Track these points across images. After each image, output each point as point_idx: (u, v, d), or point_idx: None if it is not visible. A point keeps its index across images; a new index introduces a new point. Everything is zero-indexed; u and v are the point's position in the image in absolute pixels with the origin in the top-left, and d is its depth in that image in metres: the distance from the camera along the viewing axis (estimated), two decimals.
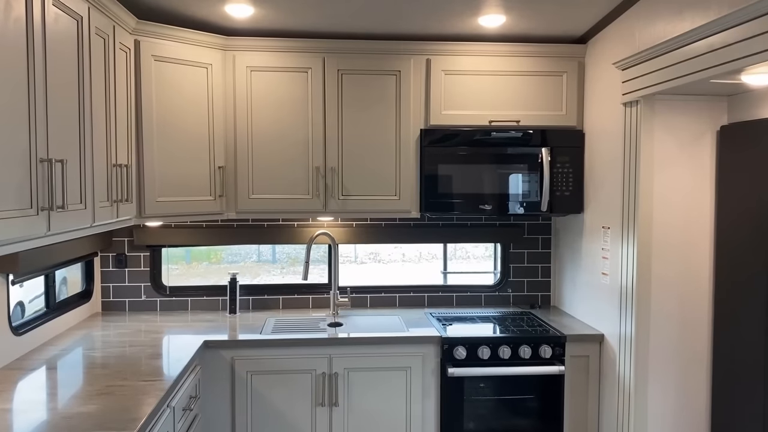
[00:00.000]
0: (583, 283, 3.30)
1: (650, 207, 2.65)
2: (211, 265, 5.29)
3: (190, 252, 5.06)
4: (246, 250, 5.69)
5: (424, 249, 5.13)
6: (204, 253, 5.14)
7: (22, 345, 2.62)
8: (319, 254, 3.86)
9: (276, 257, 5.49)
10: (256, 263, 5.63)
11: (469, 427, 3.02)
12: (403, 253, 5.80)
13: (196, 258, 5.04)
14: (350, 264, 5.90)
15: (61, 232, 2.02)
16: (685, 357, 2.70)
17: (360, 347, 2.97)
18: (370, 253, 6.19)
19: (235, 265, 5.55)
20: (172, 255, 3.68)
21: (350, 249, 5.86)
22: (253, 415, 2.94)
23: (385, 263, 6.04)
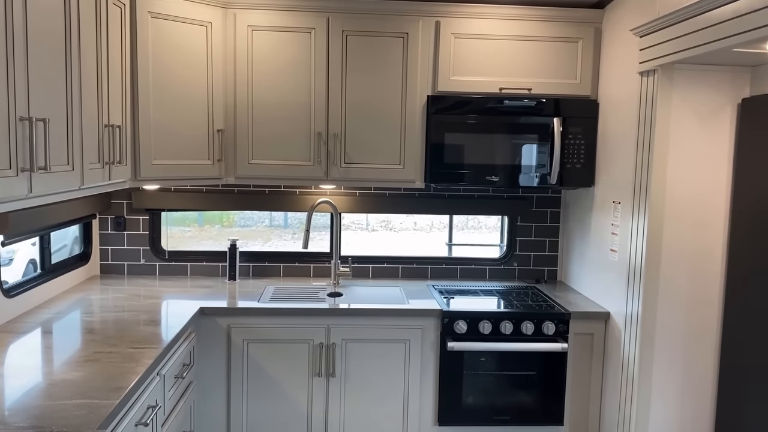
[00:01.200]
0: (591, 259, 3.20)
1: (663, 182, 2.53)
2: (223, 229, 5.24)
3: (203, 215, 5.02)
4: (258, 215, 5.63)
5: (436, 218, 5.04)
6: (217, 216, 5.09)
7: (14, 307, 2.58)
8: (326, 221, 3.77)
9: (288, 222, 5.44)
10: (268, 228, 5.59)
11: (468, 401, 2.96)
12: (414, 222, 5.72)
13: (208, 221, 4.99)
14: (362, 231, 5.83)
15: (45, 194, 1.95)
16: (693, 338, 2.60)
17: (359, 318, 2.91)
18: (382, 220, 6.12)
19: (247, 229, 5.50)
20: (185, 217, 3.63)
21: (362, 216, 5.78)
22: (249, 383, 2.90)
23: (397, 231, 5.97)
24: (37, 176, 1.85)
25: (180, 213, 3.53)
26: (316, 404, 2.92)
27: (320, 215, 3.77)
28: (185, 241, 3.65)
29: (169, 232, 3.56)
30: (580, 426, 3.02)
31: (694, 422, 2.62)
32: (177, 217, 4.09)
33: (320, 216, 3.79)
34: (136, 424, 1.94)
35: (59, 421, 1.61)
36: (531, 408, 2.99)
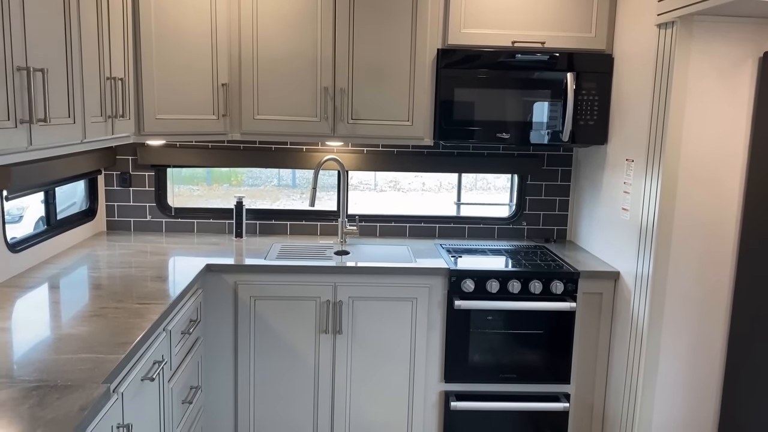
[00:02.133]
0: (602, 218, 3.15)
1: (679, 139, 2.46)
2: (232, 188, 5.23)
3: (212, 174, 4.98)
4: (267, 174, 5.60)
5: (445, 179, 4.99)
6: (225, 175, 5.06)
7: (20, 262, 2.57)
8: (333, 181, 3.73)
9: (296, 182, 5.40)
10: (277, 187, 5.55)
11: (475, 359, 2.96)
12: (423, 182, 5.67)
13: (217, 180, 4.97)
14: (369, 191, 5.78)
15: (46, 147, 1.91)
16: (704, 299, 2.57)
17: (366, 276, 2.89)
18: (390, 180, 6.06)
19: (256, 188, 5.47)
20: (193, 176, 3.60)
21: (370, 176, 5.71)
22: (257, 340, 2.90)
23: (405, 192, 5.91)
24: (36, 128, 1.81)
25: (188, 172, 3.50)
26: (323, 361, 2.93)
27: (327, 175, 3.72)
28: (194, 199, 3.62)
29: (177, 191, 3.54)
30: (586, 385, 3.02)
31: (703, 382, 2.61)
32: (185, 176, 4.05)
33: (328, 176, 3.73)
34: (142, 378, 1.94)
35: (64, 375, 1.61)
36: (538, 367, 2.98)
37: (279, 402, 2.95)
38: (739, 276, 2.52)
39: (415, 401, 2.98)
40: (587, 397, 3.03)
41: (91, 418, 1.41)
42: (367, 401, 2.97)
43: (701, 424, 2.63)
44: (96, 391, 1.49)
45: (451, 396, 2.97)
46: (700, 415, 2.63)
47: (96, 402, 1.44)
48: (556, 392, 3.02)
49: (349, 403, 2.97)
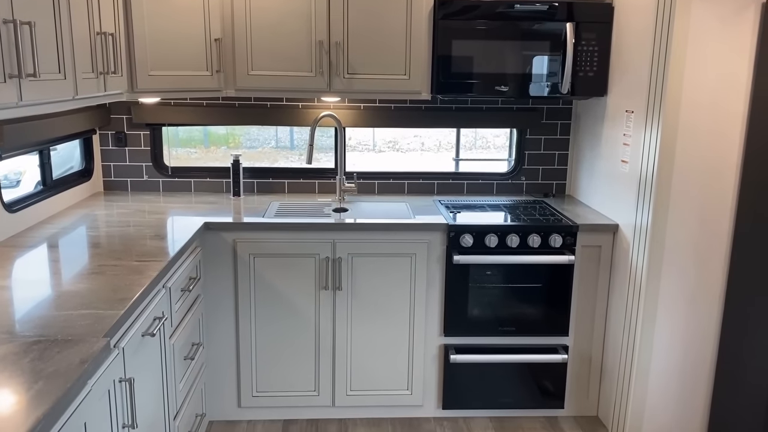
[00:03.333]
0: (601, 171, 3.13)
1: (679, 89, 2.43)
2: (229, 150, 5.19)
3: (209, 136, 4.93)
4: (264, 136, 5.55)
5: (444, 138, 4.94)
6: (222, 137, 5.02)
7: (17, 222, 2.56)
8: (331, 142, 3.69)
9: (294, 144, 5.37)
10: (275, 149, 5.51)
11: (474, 313, 2.98)
12: (422, 143, 5.63)
13: (214, 142, 4.93)
14: (368, 152, 5.74)
15: (37, 103, 1.88)
16: (703, 249, 2.57)
17: (364, 233, 2.88)
18: (389, 141, 6.01)
19: (253, 150, 5.43)
20: (190, 138, 3.56)
21: (368, 136, 5.65)
22: (257, 297, 2.92)
23: (404, 152, 5.87)
24: (26, 83, 1.78)
25: (185, 135, 3.46)
26: (324, 317, 2.95)
27: (326, 136, 3.68)
28: (191, 162, 3.59)
29: (175, 154, 3.50)
30: (585, 336, 3.05)
31: (701, 331, 2.63)
32: (183, 139, 4.01)
33: (326, 138, 3.69)
34: (142, 334, 1.95)
35: (65, 330, 1.61)
36: (536, 319, 3.00)
37: (281, 358, 2.98)
38: (737, 226, 2.51)
39: (415, 355, 3.01)
40: (585, 348, 3.06)
41: (93, 371, 1.42)
42: (367, 356, 3.00)
43: (698, 371, 2.66)
44: (96, 345, 1.49)
45: (450, 349, 3.00)
46: (697, 363, 2.66)
47: (96, 355, 1.44)
48: (555, 344, 3.05)
49: (350, 357, 3.00)
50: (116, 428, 1.73)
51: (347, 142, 3.52)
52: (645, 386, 2.65)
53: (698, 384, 2.67)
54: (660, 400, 2.68)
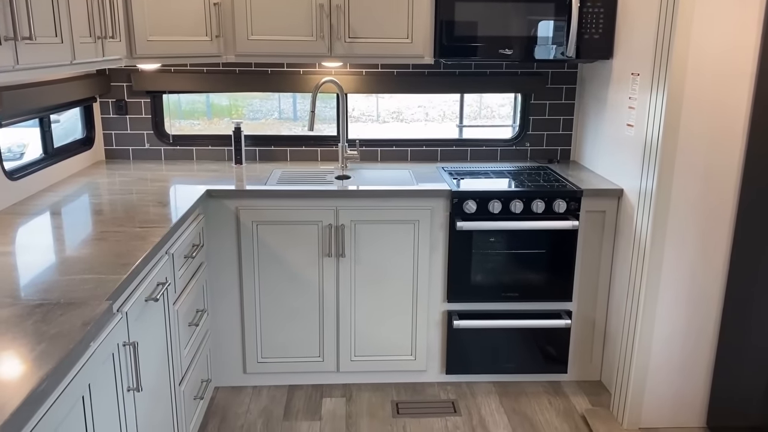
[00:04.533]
0: (606, 136, 3.10)
1: (686, 49, 2.38)
2: (232, 121, 5.17)
3: (212, 108, 4.89)
4: (267, 107, 5.51)
5: (448, 108, 4.89)
6: (225, 108, 4.98)
7: (19, 190, 2.56)
8: (334, 113, 3.65)
9: (297, 115, 5.33)
10: (278, 120, 5.49)
11: (477, 279, 2.98)
12: (426, 113, 5.59)
13: (217, 114, 4.90)
14: (372, 122, 5.70)
15: (34, 67, 1.86)
16: (707, 215, 2.55)
17: (367, 200, 2.87)
18: (393, 112, 5.97)
19: (256, 122, 5.40)
20: (193, 110, 3.53)
21: (372, 107, 5.60)
22: (260, 264, 2.92)
23: (408, 122, 5.84)
24: (22, 46, 1.75)
25: (188, 106, 3.43)
26: (327, 283, 2.95)
27: (329, 107, 3.64)
28: (194, 133, 3.56)
29: (178, 126, 3.47)
30: (588, 302, 3.05)
31: (704, 298, 2.62)
32: (186, 111, 3.97)
33: (329, 108, 3.65)
34: (146, 299, 1.95)
35: (68, 294, 1.61)
36: (540, 285, 3.00)
37: (285, 324, 2.99)
38: (743, 192, 2.49)
39: (419, 321, 3.02)
40: (589, 313, 3.06)
41: (95, 333, 1.42)
42: (371, 322, 3.01)
43: (701, 337, 2.66)
44: (98, 308, 1.49)
45: (453, 315, 3.01)
46: (700, 329, 2.65)
47: (98, 318, 1.45)
48: (558, 310, 3.05)
49: (354, 323, 3.01)
50: (121, 391, 1.74)
51: (350, 113, 3.48)
52: (648, 351, 2.66)
53: (701, 350, 2.67)
54: (663, 365, 2.68)
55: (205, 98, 4.82)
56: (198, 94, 3.78)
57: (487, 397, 3.01)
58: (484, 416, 2.86)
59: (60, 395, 1.28)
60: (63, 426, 1.31)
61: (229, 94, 4.22)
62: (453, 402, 2.97)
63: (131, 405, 1.81)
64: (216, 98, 4.74)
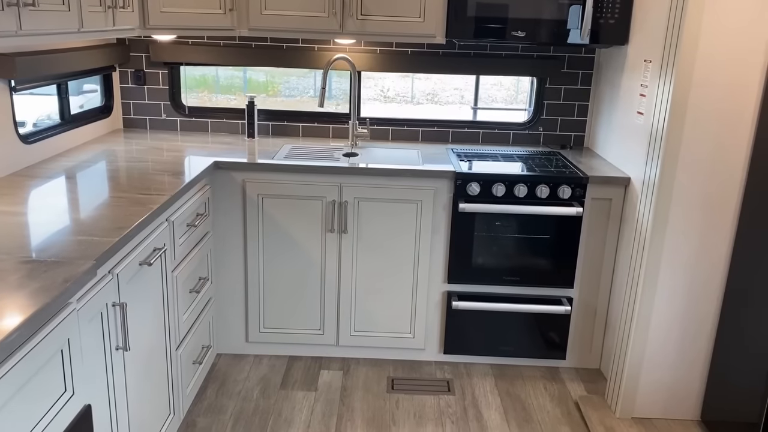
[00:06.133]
0: (618, 123, 3.05)
1: (696, 36, 2.33)
2: (268, 98, 5.23)
3: (248, 83, 4.96)
4: (303, 85, 5.57)
5: (484, 93, 4.85)
6: (262, 84, 5.05)
7: (32, 154, 2.65)
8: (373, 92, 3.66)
9: (332, 93, 5.38)
10: (313, 98, 5.55)
11: (479, 262, 2.99)
12: (462, 95, 5.57)
13: (254, 89, 4.97)
14: (406, 104, 5.71)
15: (39, 33, 1.92)
16: (711, 206, 2.50)
17: (371, 178, 2.89)
18: (428, 94, 5.96)
19: (292, 99, 5.46)
20: (231, 85, 3.57)
21: (407, 88, 5.59)
22: (265, 236, 2.97)
23: (443, 104, 5.83)
24: (26, 12, 1.81)
25: (226, 81, 3.47)
26: (329, 258, 2.99)
27: (365, 87, 3.63)
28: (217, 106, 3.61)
29: (215, 99, 3.48)
30: (591, 289, 3.03)
31: (704, 289, 2.59)
32: (223, 86, 4.02)
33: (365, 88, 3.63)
34: (140, 263, 2.02)
35: (59, 254, 1.68)
36: (542, 270, 3.00)
37: (287, 296, 3.05)
38: (749, 183, 2.44)
39: (419, 300, 3.04)
40: (591, 301, 3.05)
41: (74, 290, 1.48)
42: (371, 298, 3.05)
43: (700, 328, 2.63)
44: (82, 267, 1.56)
45: (453, 296, 3.03)
46: (699, 320, 2.62)
47: (80, 276, 1.51)
48: (559, 296, 3.05)
49: (354, 299, 3.05)
50: (109, 349, 1.81)
51: (386, 94, 3.49)
52: (644, 340, 2.64)
53: (699, 342, 2.65)
54: (659, 356, 2.66)
55: (243, 74, 4.88)
56: (237, 71, 3.82)
57: (483, 378, 3.04)
58: (477, 397, 2.89)
59: (36, 346, 1.35)
60: (39, 375, 1.38)
61: (267, 71, 4.26)
62: (448, 381, 3.00)
63: (120, 363, 1.89)
64: (254, 74, 4.80)
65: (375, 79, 4.86)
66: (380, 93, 4.71)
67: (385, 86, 4.97)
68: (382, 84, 4.98)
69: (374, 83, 4.96)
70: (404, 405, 2.81)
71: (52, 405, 1.45)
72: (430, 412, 2.76)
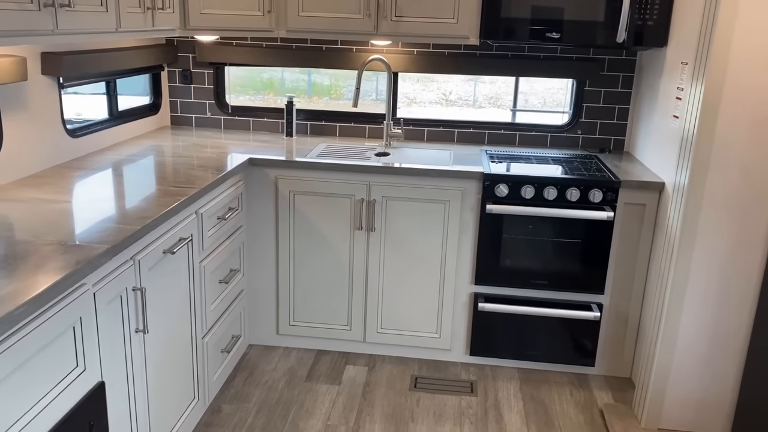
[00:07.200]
0: (656, 127, 2.98)
1: (729, 37, 2.25)
2: (331, 100, 5.37)
3: (313, 86, 5.09)
4: (366, 88, 5.69)
5: (550, 97, 4.79)
6: (326, 88, 5.18)
7: (79, 147, 2.81)
8: (435, 95, 3.67)
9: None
10: (374, 101, 5.65)
11: (506, 264, 2.97)
12: (526, 99, 5.55)
13: (318, 92, 5.13)
14: (467, 107, 5.72)
15: (75, 33, 2.04)
16: (743, 213, 2.41)
17: (399, 177, 2.93)
18: (491, 97, 5.95)
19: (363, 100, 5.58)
20: (296, 88, 3.70)
21: (469, 92, 5.57)
22: (296, 232, 3.05)
23: (504, 108, 5.81)
24: (62, 12, 1.94)
25: (292, 84, 3.56)
26: (357, 256, 3.04)
27: (426, 90, 3.65)
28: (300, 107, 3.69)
29: (279, 102, 3.54)
30: (622, 296, 2.97)
31: (736, 300, 2.49)
32: (288, 88, 4.13)
33: (427, 91, 3.67)
34: (164, 251, 2.12)
35: (82, 238, 1.79)
36: (571, 275, 2.95)
37: (317, 291, 3.12)
38: None
39: (445, 300, 3.05)
40: (622, 308, 2.98)
41: (87, 272, 1.59)
42: (398, 296, 3.08)
43: (731, 342, 2.54)
44: (96, 251, 1.66)
45: (480, 297, 3.02)
46: (729, 333, 2.53)
47: (92, 259, 1.61)
48: (589, 301, 3.00)
49: (381, 297, 3.09)
50: (128, 331, 1.92)
51: (448, 97, 3.52)
52: (672, 349, 2.57)
53: (730, 354, 2.55)
54: (687, 365, 2.58)
55: (307, 77, 5.03)
56: (302, 73, 3.96)
57: (508, 381, 3.02)
58: (500, 399, 2.87)
59: (45, 322, 1.45)
60: (49, 348, 1.48)
61: (331, 74, 4.36)
62: (472, 383, 2.99)
63: (139, 345, 1.99)
64: (318, 77, 4.93)
65: (438, 83, 4.90)
66: (442, 96, 4.75)
67: (447, 89, 4.97)
68: (445, 87, 5.00)
69: (437, 86, 4.99)
70: (425, 403, 2.83)
71: (63, 378, 1.55)
72: (450, 412, 2.77)
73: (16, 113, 2.38)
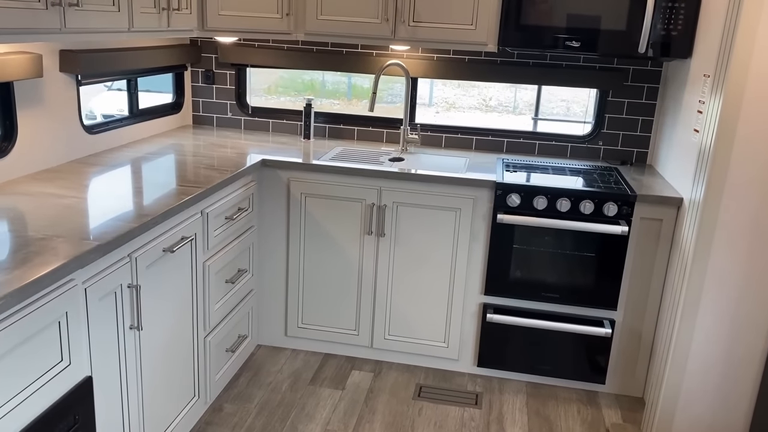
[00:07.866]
0: (678, 141, 2.89)
1: (750, 50, 2.17)
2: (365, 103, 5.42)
3: (353, 88, 5.13)
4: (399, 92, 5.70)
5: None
6: (365, 90, 5.22)
7: (97, 143, 2.86)
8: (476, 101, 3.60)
9: (432, 101, 5.47)
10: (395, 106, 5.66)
11: (517, 275, 2.92)
12: (568, 107, 5.47)
13: (356, 95, 5.18)
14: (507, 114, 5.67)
15: (84, 32, 2.08)
16: (761, 232, 2.31)
17: (409, 183, 2.90)
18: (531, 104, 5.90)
19: (392, 105, 5.60)
20: (336, 90, 3.74)
21: (510, 98, 5.52)
22: (306, 235, 3.05)
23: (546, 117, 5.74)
24: (70, 11, 1.98)
25: (332, 86, 3.59)
26: (367, 261, 3.03)
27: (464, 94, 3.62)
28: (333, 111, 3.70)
29: (319, 104, 3.58)
30: (636, 313, 2.88)
31: (751, 321, 2.39)
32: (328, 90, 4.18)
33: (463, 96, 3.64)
34: (163, 249, 2.14)
35: (77, 234, 1.82)
36: (583, 289, 2.88)
37: (326, 294, 3.11)
38: None
39: (454, 309, 3.01)
40: (636, 325, 2.89)
41: (73, 268, 1.61)
42: (407, 303, 3.05)
43: (745, 363, 2.43)
44: (85, 247, 1.68)
45: (489, 308, 2.97)
46: (744, 355, 2.43)
47: (81, 255, 1.63)
48: (600, 317, 2.92)
49: (389, 303, 3.07)
50: (122, 328, 1.94)
51: (488, 103, 3.49)
52: (682, 371, 2.48)
53: (744, 378, 2.45)
54: (698, 389, 2.49)
55: (347, 80, 5.09)
56: (343, 77, 3.99)
57: (514, 395, 2.96)
58: (504, 413, 2.82)
59: (30, 314, 1.47)
60: (31, 342, 1.51)
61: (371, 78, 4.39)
62: (477, 395, 2.94)
63: (132, 342, 2.01)
64: (358, 80, 4.97)
65: (479, 88, 4.87)
66: (482, 102, 4.72)
67: (488, 95, 4.93)
68: (485, 93, 4.97)
69: (478, 92, 4.96)
70: (427, 413, 2.79)
71: (46, 372, 1.57)
72: (452, 423, 2.73)
73: (32, 109, 2.44)
